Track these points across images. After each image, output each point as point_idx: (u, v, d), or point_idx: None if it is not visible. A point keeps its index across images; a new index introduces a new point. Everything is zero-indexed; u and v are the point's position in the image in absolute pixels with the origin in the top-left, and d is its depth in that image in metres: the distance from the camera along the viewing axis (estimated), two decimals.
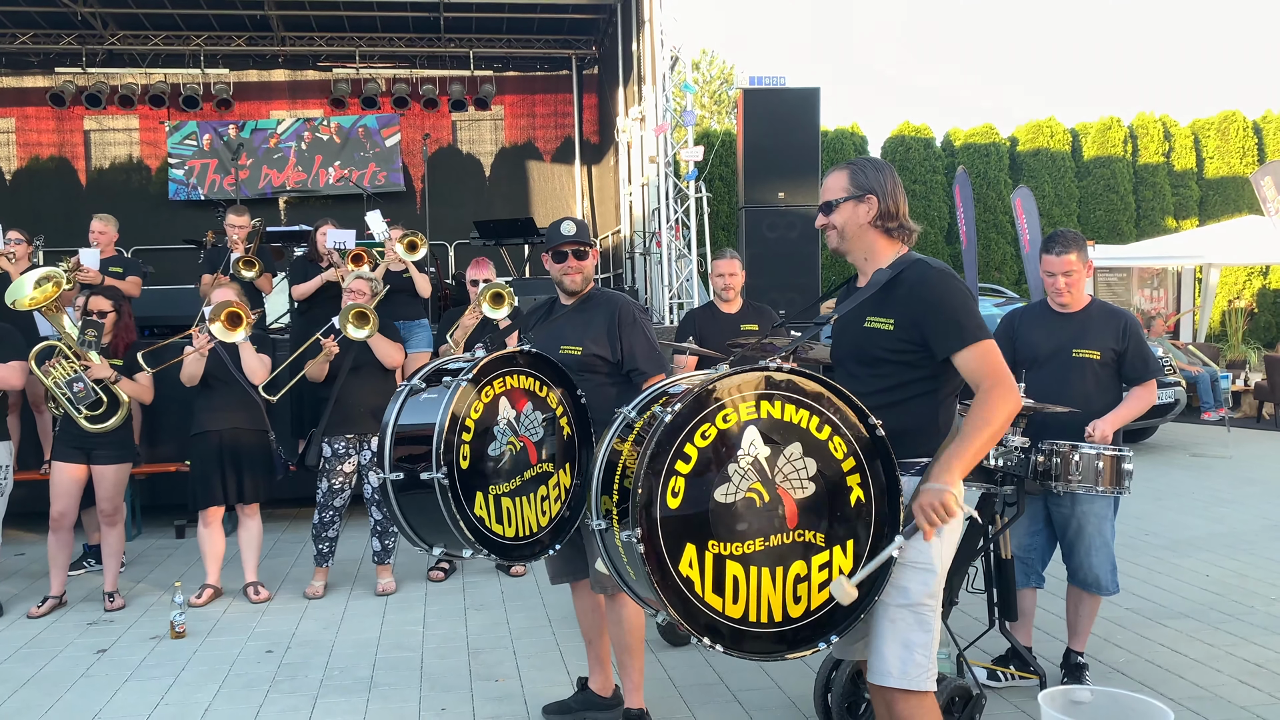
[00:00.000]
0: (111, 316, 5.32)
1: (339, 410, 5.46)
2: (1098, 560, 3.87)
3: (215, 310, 5.18)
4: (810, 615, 2.35)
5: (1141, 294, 15.35)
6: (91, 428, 5.11)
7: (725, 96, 26.75)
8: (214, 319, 5.15)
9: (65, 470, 5.20)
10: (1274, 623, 4.71)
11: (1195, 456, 9.59)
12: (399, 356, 5.59)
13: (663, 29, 10.55)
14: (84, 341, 5.13)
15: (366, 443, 5.49)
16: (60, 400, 5.10)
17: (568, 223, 3.57)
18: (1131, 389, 3.92)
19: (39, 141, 13.84)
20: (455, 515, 2.92)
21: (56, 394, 5.09)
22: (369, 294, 5.64)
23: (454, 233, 12.38)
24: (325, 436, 5.46)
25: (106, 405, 5.16)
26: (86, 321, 5.17)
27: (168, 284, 9.46)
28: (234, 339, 5.19)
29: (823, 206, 2.64)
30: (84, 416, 5.10)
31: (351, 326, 5.35)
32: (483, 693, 4.08)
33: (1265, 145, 20.24)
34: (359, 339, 5.38)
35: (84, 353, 5.13)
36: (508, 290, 5.58)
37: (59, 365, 5.10)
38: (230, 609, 5.27)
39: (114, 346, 5.34)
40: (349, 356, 5.45)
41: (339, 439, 5.46)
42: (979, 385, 2.42)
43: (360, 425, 5.46)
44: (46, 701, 4.06)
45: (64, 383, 5.09)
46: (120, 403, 5.20)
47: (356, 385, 5.46)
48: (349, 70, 14.00)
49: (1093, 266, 3.98)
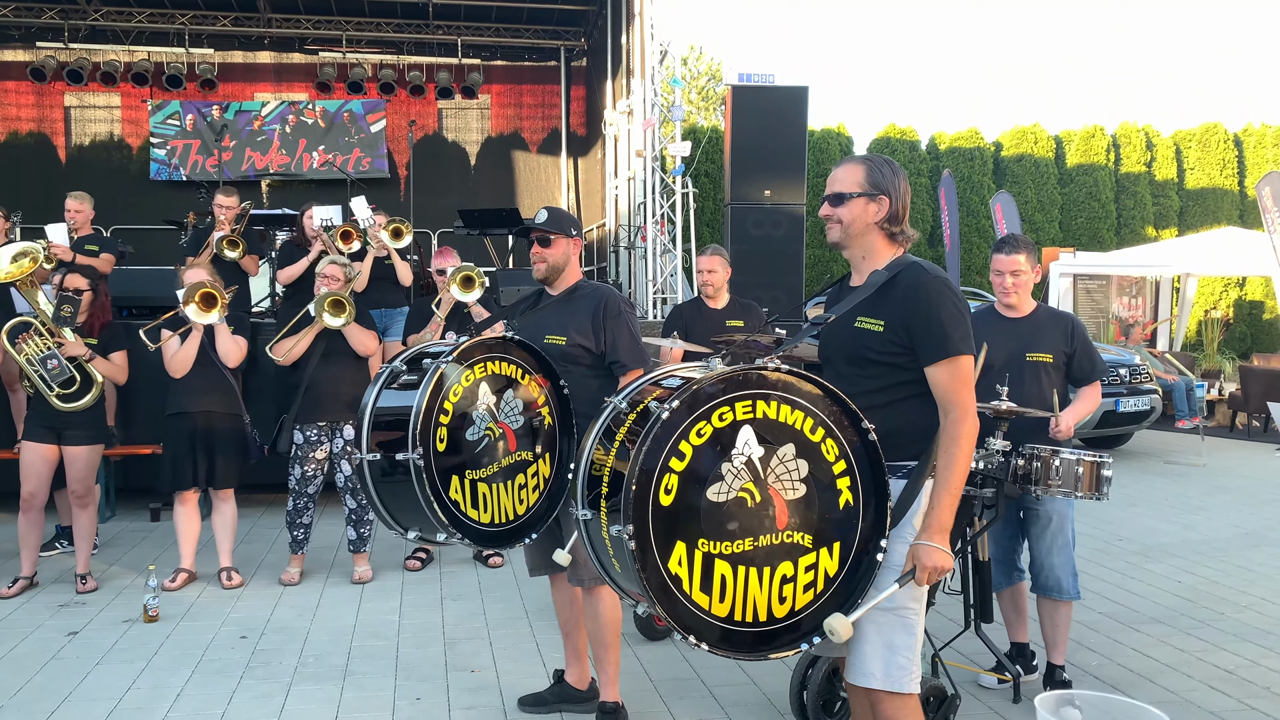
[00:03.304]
0: (88, 295, 5.24)
1: (310, 397, 5.37)
2: (1059, 561, 3.93)
3: (189, 291, 5.09)
4: (795, 616, 2.34)
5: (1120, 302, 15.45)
6: (63, 406, 5.04)
7: (713, 93, 26.72)
8: (187, 300, 5.07)
9: (36, 450, 5.13)
10: (1244, 629, 4.76)
11: (1169, 464, 9.69)
12: (372, 345, 5.51)
13: (653, 23, 10.54)
14: (59, 318, 5.06)
15: (339, 430, 5.43)
16: (32, 377, 5.03)
17: (541, 210, 3.60)
18: (1080, 390, 4.05)
19: (18, 116, 13.63)
20: (430, 497, 2.91)
21: (29, 371, 5.02)
22: (342, 279, 5.51)
23: (438, 221, 12.31)
24: (297, 423, 5.40)
25: (79, 384, 5.09)
26: (63, 297, 5.10)
27: (147, 264, 9.36)
28: (208, 320, 5.11)
29: (832, 197, 2.59)
30: (56, 395, 5.03)
31: (327, 314, 5.27)
32: (458, 683, 4.07)
33: (1245, 158, 20.44)
34: (335, 327, 5.30)
35: (58, 330, 5.06)
36: (476, 272, 5.55)
37: (32, 341, 5.03)
38: (205, 594, 5.22)
39: (89, 325, 5.26)
40: (320, 343, 5.37)
41: (310, 426, 5.40)
42: (945, 410, 2.44)
43: (332, 412, 5.39)
44: (15, 683, 4.02)
45: (37, 359, 5.02)
46: (93, 382, 5.14)
47: (328, 372, 5.38)
48: (335, 54, 13.87)
49: (1040, 272, 4.07)
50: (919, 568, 2.39)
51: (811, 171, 13.02)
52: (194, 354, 5.19)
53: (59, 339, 5.05)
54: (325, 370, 5.39)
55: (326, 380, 5.38)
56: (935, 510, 2.41)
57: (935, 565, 2.38)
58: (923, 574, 2.39)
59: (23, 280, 5.18)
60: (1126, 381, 9.69)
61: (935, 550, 2.38)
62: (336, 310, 5.29)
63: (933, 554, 2.38)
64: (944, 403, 2.45)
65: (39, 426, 5.13)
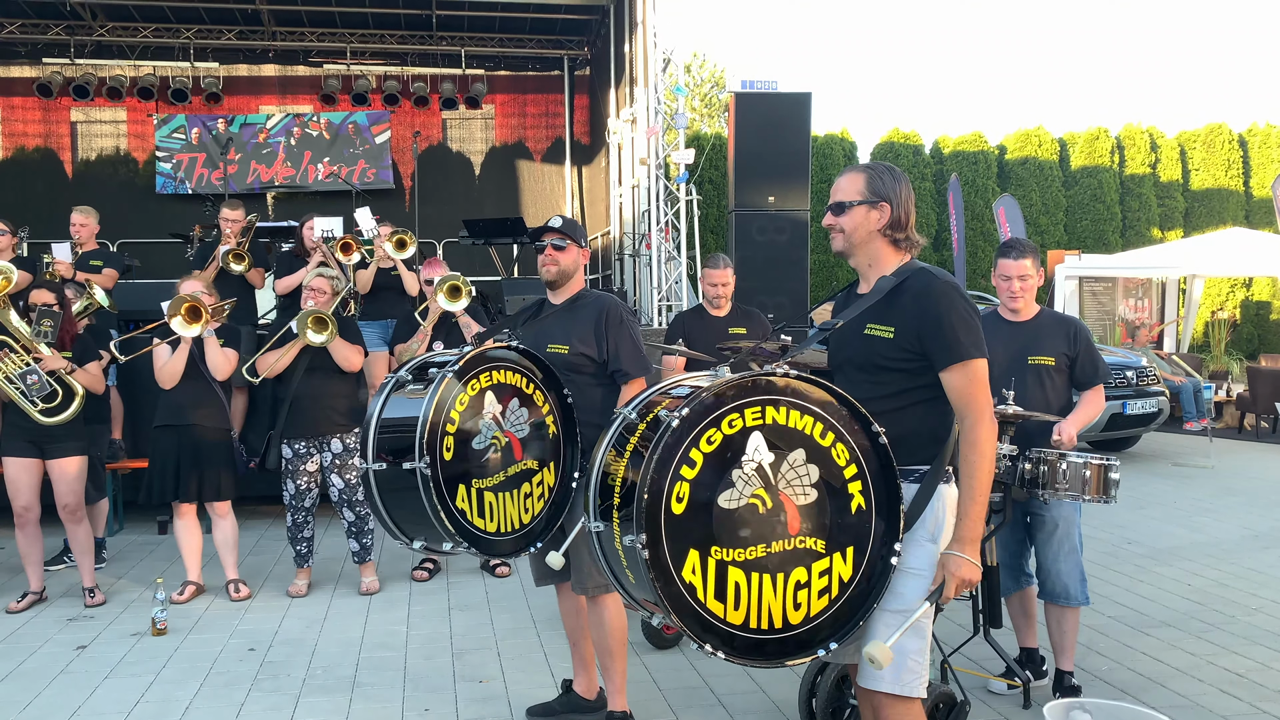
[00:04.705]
0: (56, 308, 5.19)
1: (296, 411, 5.34)
2: (1066, 567, 3.91)
3: (174, 304, 5.07)
4: (810, 622, 2.34)
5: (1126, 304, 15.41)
6: (47, 420, 5.03)
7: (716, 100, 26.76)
8: (173, 313, 5.06)
9: (18, 465, 5.10)
10: (1255, 632, 4.74)
11: (1177, 466, 9.65)
12: (357, 360, 5.44)
13: (655, 31, 10.55)
14: (39, 333, 5.05)
15: (326, 443, 5.40)
16: (13, 395, 5.01)
17: (556, 217, 3.65)
18: (1083, 394, 4.03)
19: (25, 132, 13.72)
20: (437, 506, 2.92)
21: (8, 389, 5.01)
22: (329, 293, 5.46)
23: (443, 231, 12.34)
24: (284, 438, 5.37)
25: (61, 397, 5.09)
26: (42, 313, 5.09)
27: (153, 278, 9.39)
28: (191, 333, 5.09)
29: (833, 206, 2.61)
30: (39, 409, 5.02)
31: (310, 331, 5.24)
32: (467, 694, 4.06)
33: (1250, 158, 20.41)
34: (317, 344, 5.27)
35: (34, 345, 5.05)
36: (463, 281, 5.55)
37: (8, 360, 5.02)
38: (212, 606, 5.23)
39: (60, 339, 5.20)
40: (304, 358, 5.34)
41: (297, 440, 5.36)
42: (961, 415, 2.44)
43: (319, 427, 5.35)
44: (25, 698, 4.02)
45: (16, 376, 5.01)
46: (75, 394, 5.13)
47: (313, 386, 5.34)
48: (340, 66, 13.94)
49: (1044, 276, 4.07)
50: (948, 578, 2.39)
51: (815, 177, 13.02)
52: (183, 365, 5.17)
53: (35, 354, 5.04)
54: (309, 384, 5.34)
55: (311, 394, 5.33)
56: (964, 521, 2.41)
57: (964, 577, 2.38)
58: (951, 585, 2.38)
59: None
60: (1133, 384, 9.66)
61: (964, 561, 2.38)
62: (319, 328, 5.26)
63: (961, 565, 2.38)
64: (959, 407, 2.45)
65: (18, 441, 5.10)
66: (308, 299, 5.42)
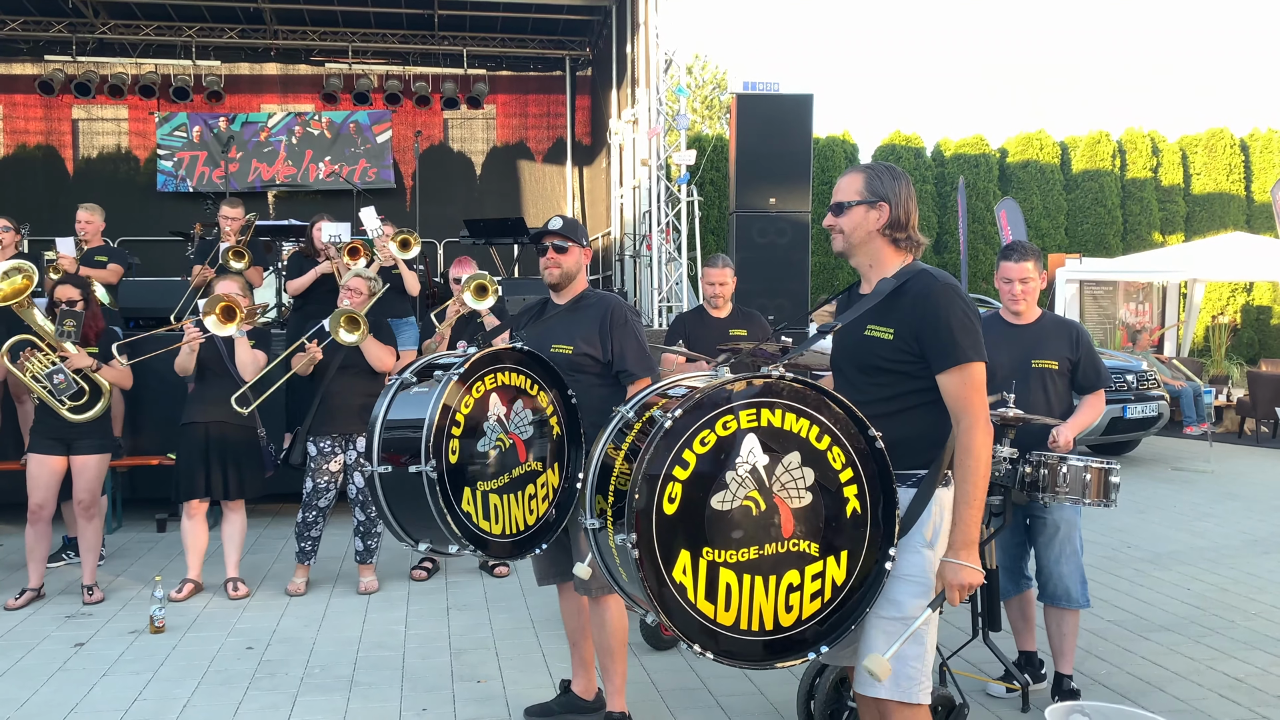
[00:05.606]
0: (79, 305, 5.22)
1: (325, 409, 5.40)
2: (1067, 570, 3.90)
3: (210, 303, 5.11)
4: (801, 625, 2.33)
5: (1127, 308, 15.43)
6: (75, 418, 5.05)
7: (717, 101, 26.78)
8: (208, 312, 5.08)
9: (44, 462, 5.13)
10: (1254, 637, 4.73)
11: (1177, 470, 9.65)
12: (390, 360, 5.48)
13: (657, 32, 10.56)
14: (63, 332, 5.06)
15: (352, 441, 5.44)
16: (41, 394, 5.03)
17: (556, 218, 3.63)
18: (1084, 398, 4.02)
19: (26, 129, 13.73)
20: (443, 509, 2.91)
21: (36, 388, 5.02)
22: (366, 293, 5.54)
23: (444, 231, 12.35)
24: (311, 435, 5.41)
25: (89, 395, 5.11)
26: (64, 312, 5.10)
27: (153, 275, 9.40)
28: (225, 333, 5.12)
29: (833, 207, 2.60)
30: (67, 408, 5.04)
31: (342, 331, 5.28)
32: (464, 694, 4.06)
33: (1252, 163, 20.39)
34: (349, 344, 5.31)
35: (59, 343, 5.06)
36: (491, 280, 5.57)
37: (35, 359, 5.03)
38: (211, 604, 5.23)
39: (85, 335, 5.23)
40: (338, 355, 5.40)
41: (324, 438, 5.41)
42: (957, 418, 2.43)
43: (346, 424, 5.40)
44: (22, 694, 4.02)
45: (43, 375, 5.02)
46: (102, 391, 5.15)
47: (344, 384, 5.40)
48: (341, 65, 13.94)
49: (1046, 279, 4.06)
50: (949, 587, 2.38)
51: (816, 179, 13.03)
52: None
53: (61, 353, 5.05)
54: (340, 381, 5.40)
55: (341, 392, 5.39)
56: (960, 526, 2.40)
57: (966, 583, 2.37)
58: (953, 593, 2.38)
59: (18, 302, 5.03)
60: (1134, 388, 9.66)
61: (964, 568, 2.37)
62: (351, 328, 5.30)
63: (960, 571, 2.37)
64: (955, 411, 2.43)
65: (46, 438, 5.14)
66: (344, 298, 5.50)
